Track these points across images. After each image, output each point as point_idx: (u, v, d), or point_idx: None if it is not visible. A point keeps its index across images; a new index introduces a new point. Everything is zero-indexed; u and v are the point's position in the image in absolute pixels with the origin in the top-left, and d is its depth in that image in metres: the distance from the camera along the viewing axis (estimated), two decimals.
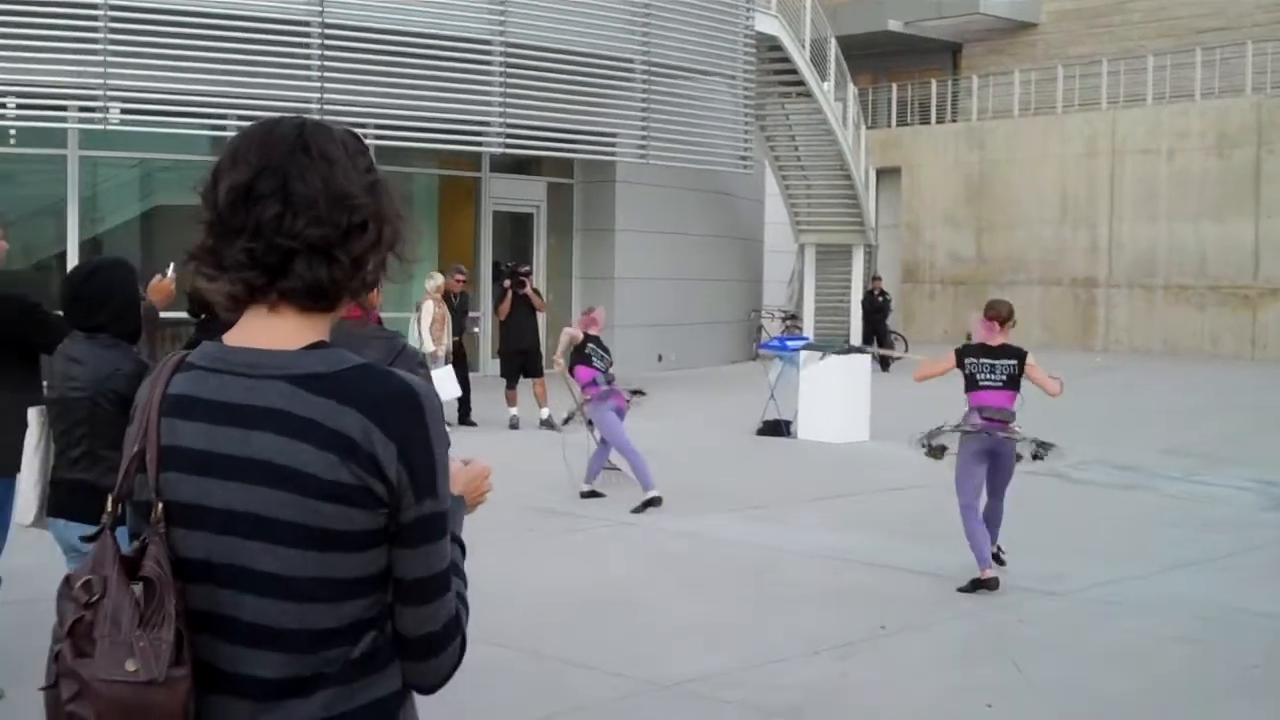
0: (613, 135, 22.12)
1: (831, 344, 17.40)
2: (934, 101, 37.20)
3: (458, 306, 16.75)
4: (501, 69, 19.77)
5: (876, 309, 27.51)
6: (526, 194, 24.10)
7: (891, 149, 35.47)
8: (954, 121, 36.71)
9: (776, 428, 16.20)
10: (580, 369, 11.95)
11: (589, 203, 24.17)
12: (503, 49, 19.73)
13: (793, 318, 27.50)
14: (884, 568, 9.46)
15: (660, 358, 23.67)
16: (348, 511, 1.93)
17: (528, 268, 18.03)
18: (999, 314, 9.22)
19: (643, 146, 21.93)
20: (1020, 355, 9.07)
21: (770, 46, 24.82)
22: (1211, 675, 7.12)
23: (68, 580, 1.97)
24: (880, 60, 39.03)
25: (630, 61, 21.43)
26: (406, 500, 1.96)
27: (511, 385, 16.57)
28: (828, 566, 9.40)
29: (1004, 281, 34.04)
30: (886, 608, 8.34)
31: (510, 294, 17.03)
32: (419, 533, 1.98)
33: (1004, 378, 9.00)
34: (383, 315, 5.68)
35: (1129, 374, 24.97)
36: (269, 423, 1.94)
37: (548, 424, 15.62)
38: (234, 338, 2.03)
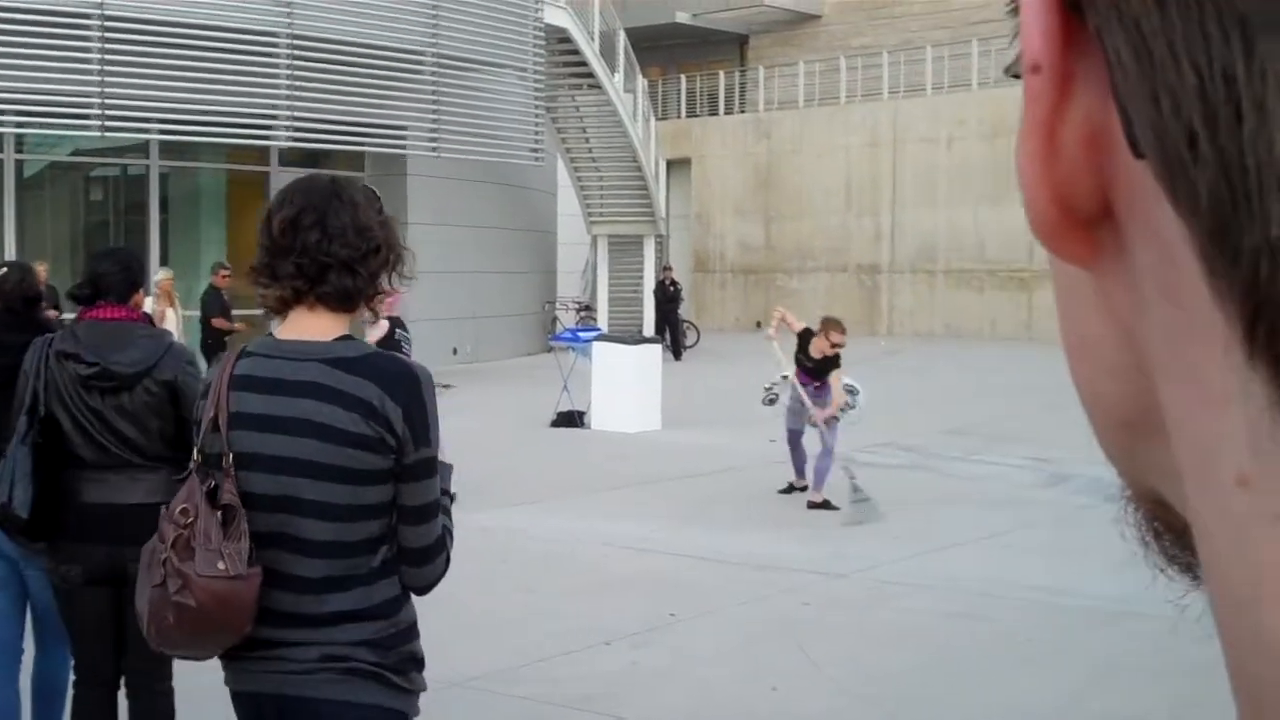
0: (403, 128, 21.96)
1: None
2: (722, 93, 37.72)
3: (228, 302, 16.35)
4: (289, 61, 19.48)
5: (668, 299, 27.82)
6: None
7: (681, 140, 35.87)
8: (742, 112, 37.29)
9: (570, 419, 16.31)
10: None
11: (380, 196, 23.90)
12: (289, 41, 19.43)
13: (586, 309, 27.67)
14: (676, 555, 9.61)
15: (455, 351, 23.59)
16: (367, 455, 2.75)
17: None
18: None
19: (434, 139, 21.82)
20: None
21: (560, 39, 24.88)
22: (990, 650, 7.41)
23: (167, 507, 2.83)
24: (669, 52, 39.41)
25: (420, 54, 21.30)
26: (408, 448, 2.77)
27: None
28: (621, 556, 9.52)
29: (792, 270, 34.78)
30: (678, 595, 8.48)
31: None
32: (418, 471, 2.81)
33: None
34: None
35: (913, 357, 25.71)
36: (311, 392, 2.76)
37: None
38: (284, 332, 2.87)
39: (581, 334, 17.87)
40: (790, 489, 11.87)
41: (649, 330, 25.82)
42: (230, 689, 2.94)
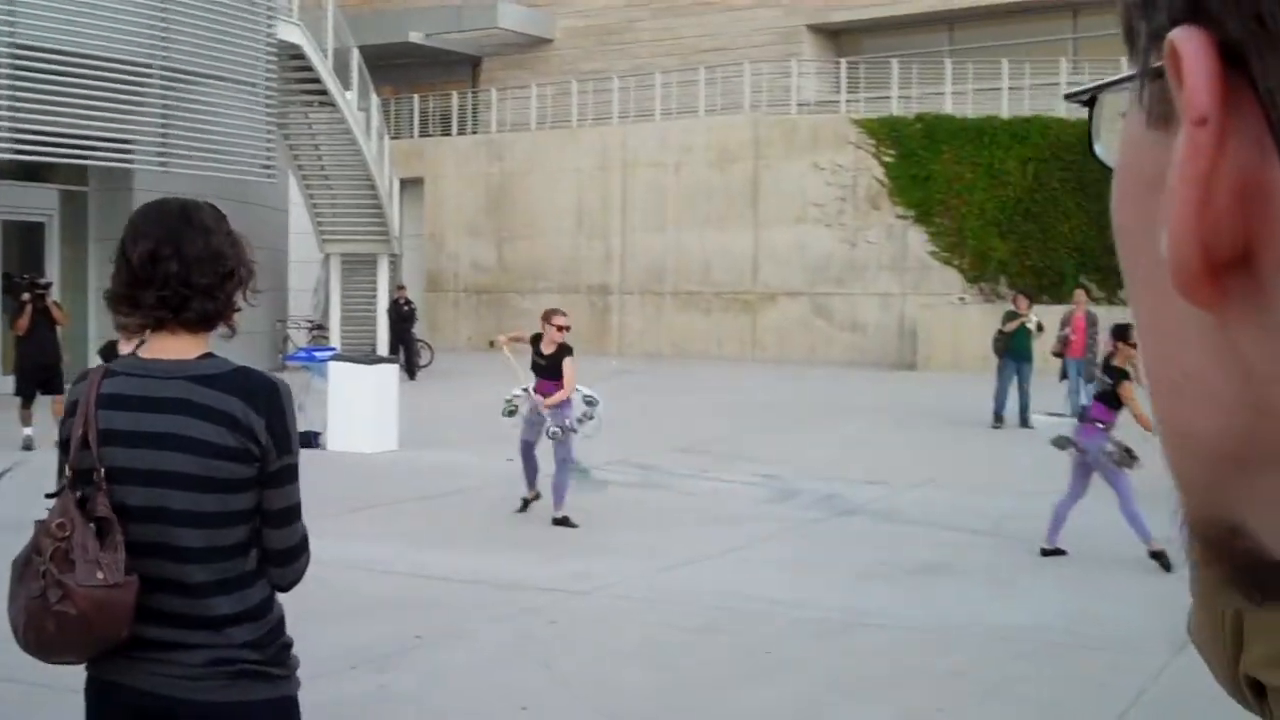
0: (130, 142, 21.33)
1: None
2: (455, 114, 37.72)
3: None
4: (9, 71, 18.73)
5: (402, 318, 27.67)
6: (37, 203, 22.88)
7: (414, 160, 35.73)
8: (474, 133, 37.36)
9: (306, 440, 16.00)
10: None
11: (105, 212, 23.14)
12: (10, 50, 18.69)
13: (319, 328, 27.31)
14: (419, 576, 9.62)
15: None
16: (233, 465, 2.93)
17: (48, 280, 17.19)
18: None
19: (162, 154, 21.25)
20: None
21: (292, 55, 24.53)
22: (730, 662, 7.62)
23: (44, 523, 2.95)
24: (402, 72, 39.23)
25: (147, 66, 20.73)
26: (271, 457, 2.97)
27: (27, 404, 15.76)
28: (363, 578, 9.46)
29: (525, 290, 34.96)
30: (423, 617, 8.50)
31: (30, 308, 16.20)
32: (281, 477, 3.01)
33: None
34: None
35: (643, 377, 26.14)
36: (178, 408, 2.92)
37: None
38: (148, 352, 3.01)
39: (317, 353, 17.66)
40: (525, 505, 11.97)
41: (383, 350, 25.64)
42: (103, 679, 3.02)
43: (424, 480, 13.61)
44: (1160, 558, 9.91)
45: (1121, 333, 10.87)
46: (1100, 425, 10.34)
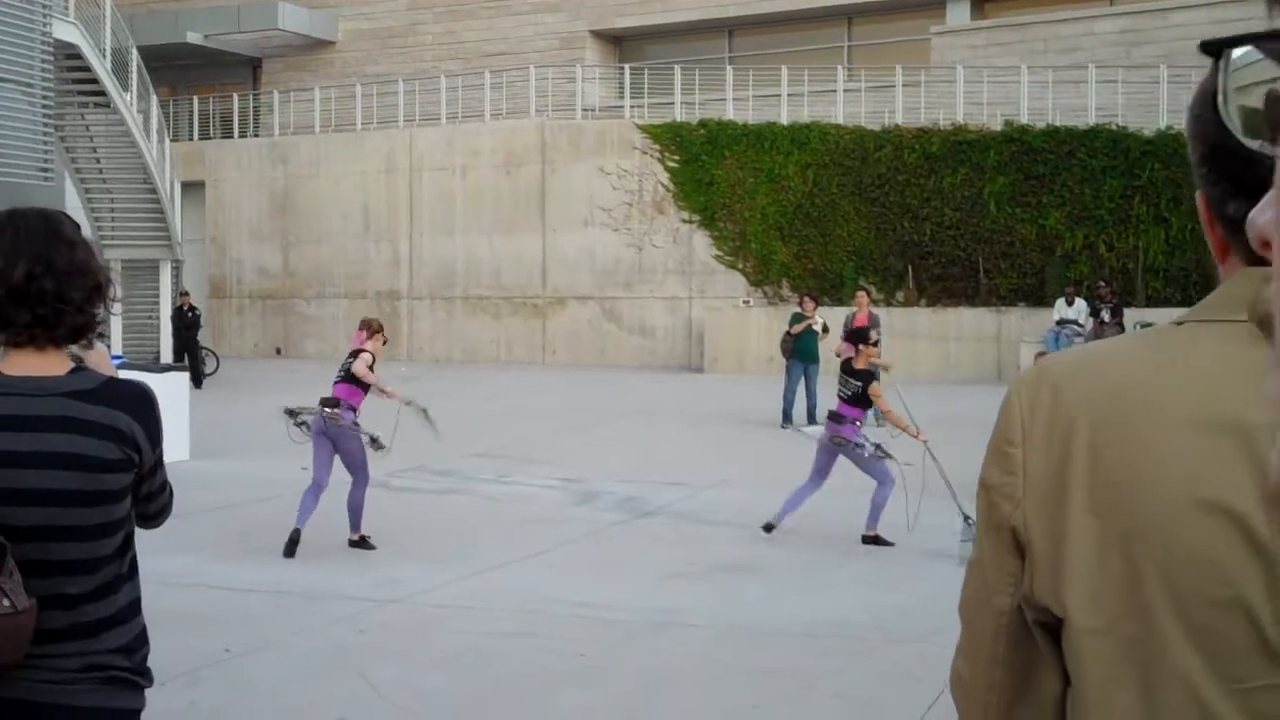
0: None
1: None
2: (236, 116, 37.00)
3: None
4: None
5: (187, 325, 27.06)
6: None
7: (195, 163, 34.95)
8: (257, 136, 36.71)
9: None
10: None
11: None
12: None
13: (100, 336, 26.50)
14: (222, 589, 9.49)
15: None
16: (118, 477, 2.98)
17: None
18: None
19: None
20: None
21: (69, 54, 23.82)
22: (545, 666, 7.69)
23: None
24: (180, 73, 38.36)
25: None
26: (147, 456, 3.04)
27: None
28: (165, 591, 9.26)
29: (311, 295, 34.50)
30: (230, 629, 8.40)
31: None
32: (155, 467, 3.11)
33: (849, 393, 10.99)
34: None
35: (434, 382, 26.02)
36: (61, 426, 2.91)
37: None
38: (11, 368, 2.96)
39: None
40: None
41: (167, 358, 25.05)
42: None
43: (220, 490, 13.39)
44: (878, 541, 10.96)
45: (861, 335, 11.54)
46: (857, 424, 11.05)
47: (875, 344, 11.62)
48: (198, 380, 24.11)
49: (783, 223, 30.15)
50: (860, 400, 11.10)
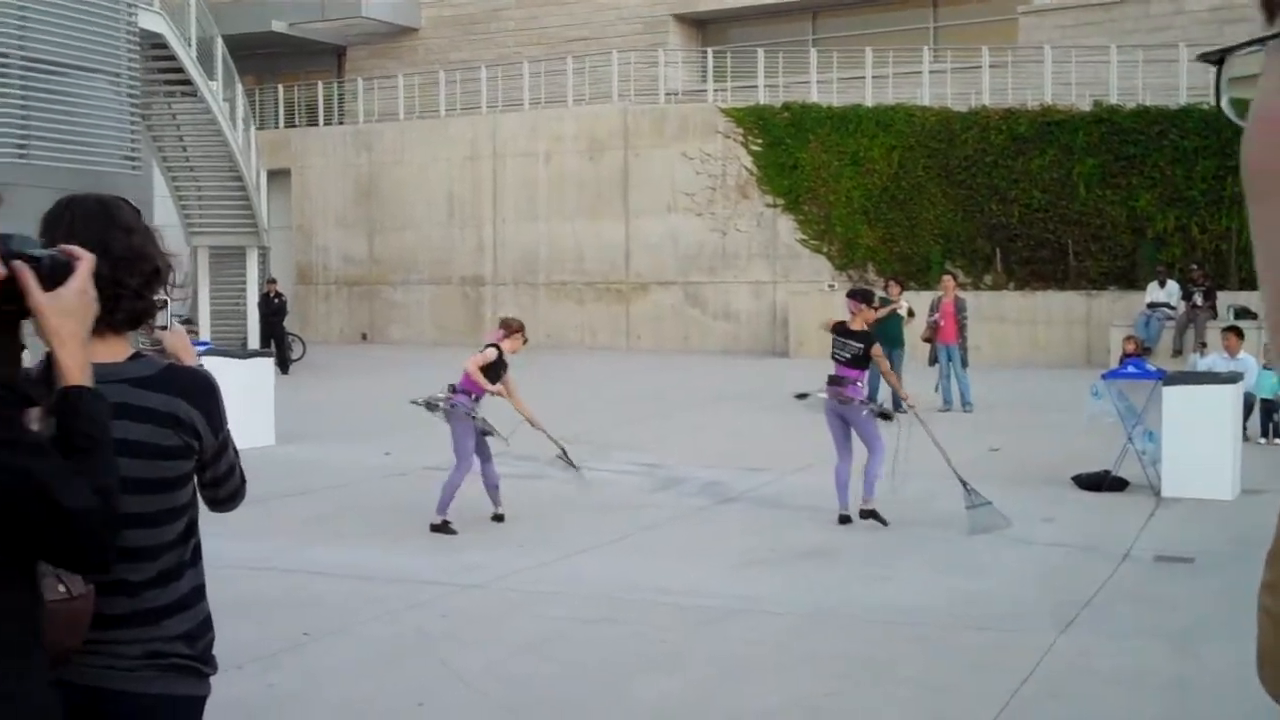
0: None
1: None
2: (321, 103, 37.25)
3: None
4: None
5: (273, 311, 27.31)
6: None
7: (281, 150, 35.22)
8: (341, 124, 36.93)
9: None
10: None
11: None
12: None
13: (188, 321, 26.80)
14: (303, 573, 9.50)
15: None
16: (178, 464, 2.97)
17: None
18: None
19: (22, 146, 20.72)
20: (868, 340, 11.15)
21: (155, 44, 24.07)
22: (625, 652, 7.63)
23: None
24: (266, 61, 38.69)
25: (5, 55, 20.20)
26: (209, 441, 3.01)
27: None
28: (246, 576, 9.31)
29: (396, 281, 34.69)
30: (309, 613, 8.40)
31: None
32: (218, 451, 3.06)
33: (848, 355, 11.12)
34: None
35: (518, 369, 26.01)
36: (119, 413, 2.72)
37: None
38: None
39: None
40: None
41: (254, 344, 25.28)
42: None
43: (303, 475, 13.44)
44: (875, 516, 10.96)
45: (865, 296, 11.71)
46: (859, 384, 11.12)
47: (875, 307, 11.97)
48: (284, 366, 24.31)
49: (868, 206, 29.88)
50: (860, 362, 11.12)
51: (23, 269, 2.38)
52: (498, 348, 11.32)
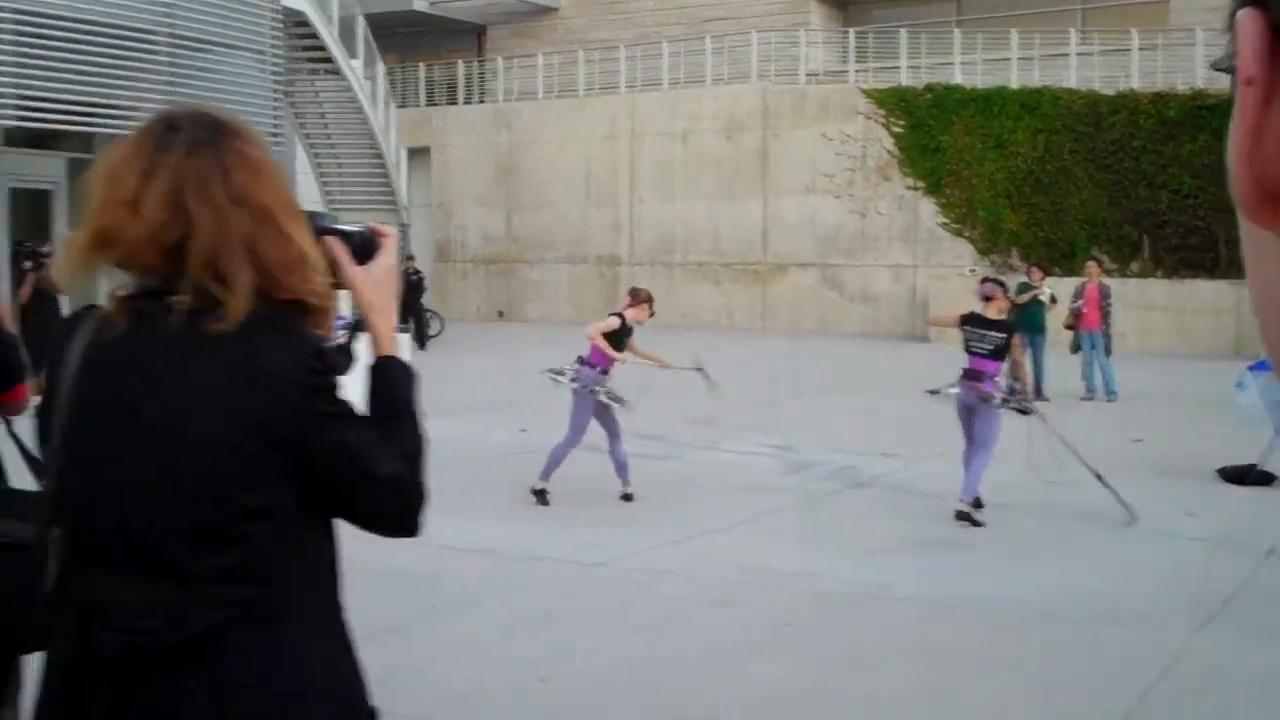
0: (136, 109, 21.22)
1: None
2: (461, 82, 37.55)
3: None
4: (12, 38, 18.63)
5: (412, 288, 27.59)
6: (44, 170, 22.78)
7: (421, 129, 35.57)
8: (481, 102, 37.19)
9: None
10: None
11: None
12: (13, 17, 18.60)
13: None
14: (432, 547, 9.51)
15: None
16: None
17: (50, 249, 17.16)
18: None
19: None
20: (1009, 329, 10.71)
21: (298, 22, 24.43)
22: (750, 635, 7.56)
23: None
24: (407, 40, 39.05)
25: (153, 33, 20.64)
26: None
27: (36, 371, 15.71)
28: (377, 549, 9.36)
29: (534, 260, 34.87)
30: (437, 587, 8.45)
31: (32, 276, 16.20)
32: None
33: (990, 347, 10.60)
34: None
35: (653, 348, 26.00)
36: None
37: None
38: None
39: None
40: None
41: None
42: None
43: (437, 450, 13.40)
44: (967, 518, 10.39)
45: (998, 284, 11.21)
46: (996, 379, 10.74)
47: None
48: (421, 342, 24.55)
49: (1011, 190, 29.34)
50: (1000, 353, 10.70)
51: (336, 244, 2.44)
52: (621, 316, 11.32)
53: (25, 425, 3.80)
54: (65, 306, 17.07)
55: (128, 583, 2.23)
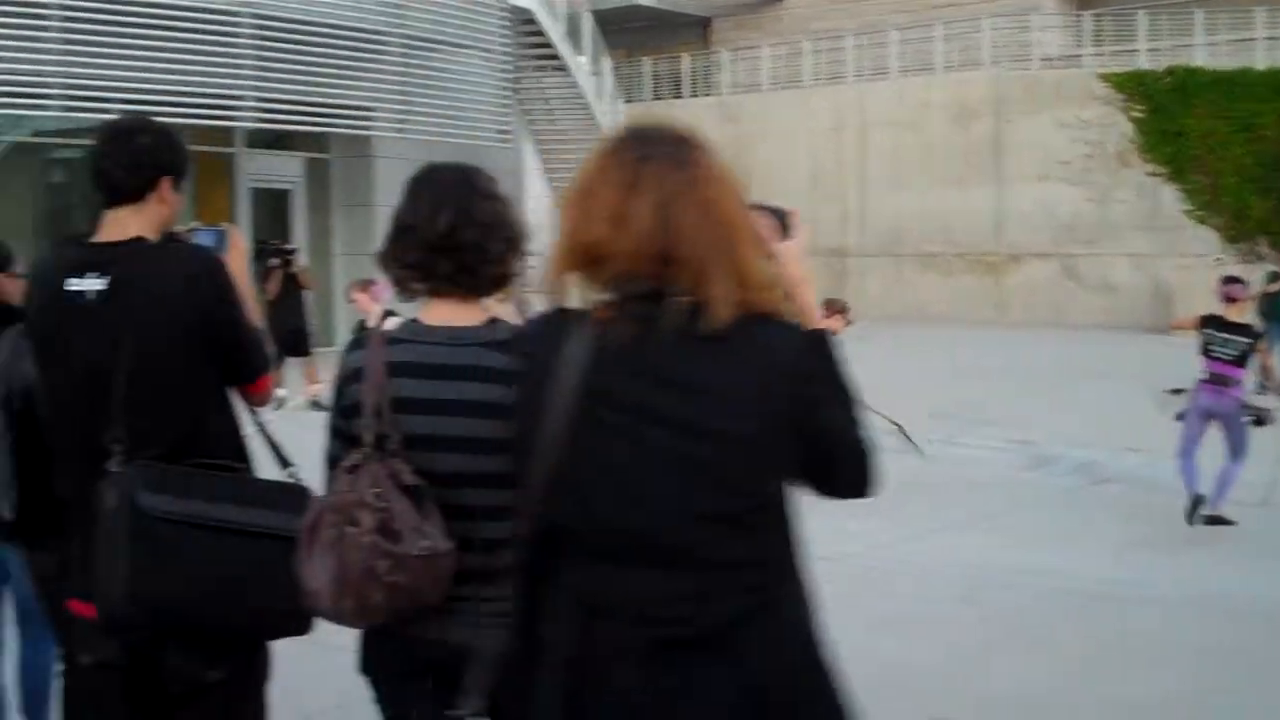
0: (368, 109, 21.71)
1: None
2: (687, 76, 37.54)
3: None
4: (253, 41, 19.20)
5: None
6: (283, 170, 23.49)
7: None
8: (706, 96, 37.12)
9: None
10: None
11: (348, 178, 23.69)
12: (253, 21, 19.16)
13: None
14: None
15: None
16: None
17: (294, 246, 17.67)
18: None
19: (400, 120, 21.57)
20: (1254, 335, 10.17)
21: (525, 20, 24.67)
22: (990, 634, 7.29)
23: (350, 494, 2.87)
24: (632, 35, 39.21)
25: (386, 34, 21.07)
26: None
27: (278, 365, 16.15)
28: None
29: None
30: None
31: (278, 272, 16.66)
32: None
33: (1234, 352, 9.98)
34: None
35: (884, 341, 25.60)
36: (476, 375, 2.92)
37: (317, 404, 15.25)
38: (431, 318, 3.02)
39: None
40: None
41: None
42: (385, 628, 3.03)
43: None
44: (1219, 520, 9.77)
45: (1235, 281, 10.38)
46: (1241, 385, 10.03)
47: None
48: None
49: (1259, 175, 28.06)
50: (1244, 359, 9.99)
51: (764, 219, 2.62)
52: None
53: (272, 416, 3.80)
54: (310, 302, 17.59)
55: (646, 575, 2.35)
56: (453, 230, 2.98)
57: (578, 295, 2.42)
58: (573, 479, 2.37)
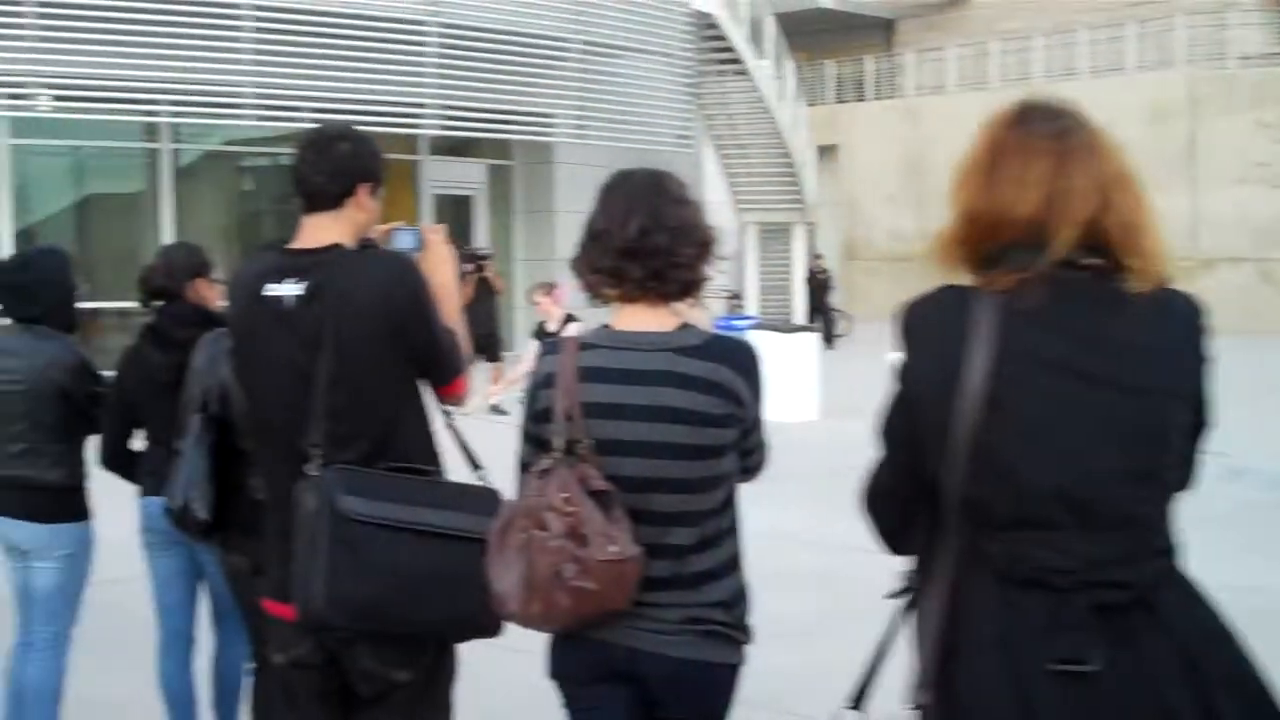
0: (550, 115, 21.92)
1: None
2: (870, 79, 37.21)
3: None
4: (438, 50, 19.54)
5: (820, 287, 27.52)
6: (466, 176, 23.86)
7: (828, 127, 35.43)
8: (890, 98, 36.74)
9: None
10: None
11: (529, 184, 23.97)
12: (438, 29, 19.49)
13: (735, 297, 27.44)
14: (841, 548, 9.31)
15: None
16: (721, 432, 3.00)
17: (489, 251, 17.94)
18: None
19: (580, 126, 21.74)
20: None
21: (707, 25, 24.69)
22: None
23: (539, 498, 2.91)
24: (815, 37, 38.97)
25: (567, 41, 21.25)
26: (750, 409, 3.05)
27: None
28: (786, 548, 9.26)
29: None
30: (843, 589, 8.25)
31: (472, 277, 16.98)
32: (757, 424, 3.12)
33: None
34: None
35: None
36: (667, 380, 2.96)
37: (496, 409, 15.45)
38: (622, 324, 3.07)
39: (736, 322, 17.67)
40: None
41: (800, 319, 25.54)
42: (574, 633, 3.06)
43: (846, 451, 13.24)
44: None
45: None
46: None
47: None
48: (829, 341, 24.39)
49: None
50: None
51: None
52: None
53: (463, 420, 3.84)
54: (502, 308, 17.88)
55: (1079, 538, 2.30)
56: (643, 235, 3.01)
57: (960, 273, 2.50)
58: (996, 440, 2.33)
